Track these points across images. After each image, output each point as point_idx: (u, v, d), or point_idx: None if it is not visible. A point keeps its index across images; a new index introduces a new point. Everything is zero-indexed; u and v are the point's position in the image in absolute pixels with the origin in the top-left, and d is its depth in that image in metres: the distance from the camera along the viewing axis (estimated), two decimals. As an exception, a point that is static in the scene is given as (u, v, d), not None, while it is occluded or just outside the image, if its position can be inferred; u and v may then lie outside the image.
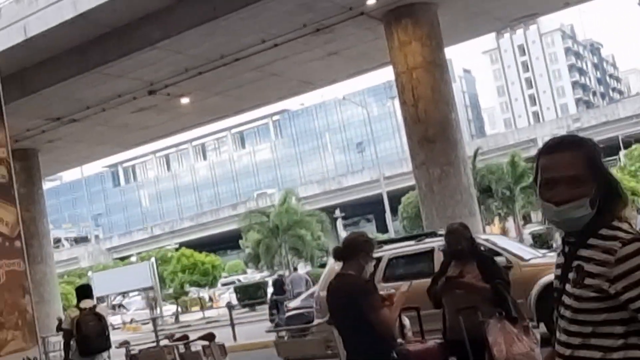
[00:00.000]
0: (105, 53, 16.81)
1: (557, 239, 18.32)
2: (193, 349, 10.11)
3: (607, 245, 1.98)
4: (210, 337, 10.03)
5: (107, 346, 8.69)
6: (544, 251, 18.61)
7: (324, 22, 16.80)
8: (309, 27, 16.81)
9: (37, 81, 17.97)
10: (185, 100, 20.86)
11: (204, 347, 9.86)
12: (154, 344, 11.11)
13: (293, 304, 15.79)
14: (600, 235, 2.02)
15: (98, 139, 23.77)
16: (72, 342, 8.51)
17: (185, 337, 10.41)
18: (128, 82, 18.55)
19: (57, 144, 23.00)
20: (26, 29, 16.37)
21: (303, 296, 16.17)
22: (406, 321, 6.24)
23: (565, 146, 2.12)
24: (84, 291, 9.19)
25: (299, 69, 20.06)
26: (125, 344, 11.16)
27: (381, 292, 4.45)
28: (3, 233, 6.24)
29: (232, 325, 17.93)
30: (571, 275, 2.04)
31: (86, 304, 8.81)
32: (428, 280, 5.53)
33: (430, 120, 16.52)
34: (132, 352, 10.62)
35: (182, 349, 9.86)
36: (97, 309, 8.84)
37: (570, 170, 2.05)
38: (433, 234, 11.34)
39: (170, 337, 11.08)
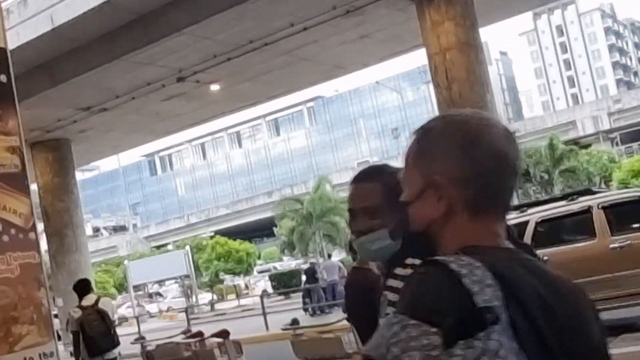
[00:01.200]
0: (132, 40, 16.60)
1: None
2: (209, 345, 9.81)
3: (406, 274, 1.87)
4: (224, 334, 9.69)
5: (114, 344, 8.44)
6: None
7: (354, 4, 16.37)
8: (339, 9, 16.39)
9: (66, 71, 17.84)
10: (215, 87, 20.62)
11: (219, 344, 9.54)
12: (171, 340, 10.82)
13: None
14: (405, 264, 1.99)
15: (129, 127, 23.67)
16: (81, 343, 8.30)
17: (200, 333, 10.10)
18: (156, 69, 18.34)
19: (89, 133, 22.95)
20: (53, 18, 16.22)
21: None
22: None
23: (363, 177, 2.13)
24: (83, 287, 8.84)
25: (330, 53, 19.64)
26: (141, 339, 10.95)
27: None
28: (17, 225, 6.04)
29: (264, 314, 17.70)
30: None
31: (88, 300, 8.55)
32: (585, 245, 4.66)
33: (465, 103, 15.95)
34: (148, 348, 10.35)
35: (196, 346, 9.55)
36: (100, 304, 8.54)
37: (366, 201, 2.06)
38: (588, 192, 10.64)
39: (186, 332, 10.81)
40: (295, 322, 9.19)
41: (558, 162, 36.76)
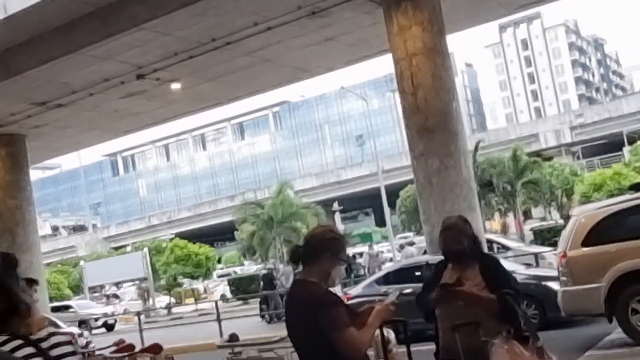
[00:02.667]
0: (90, 33, 16.01)
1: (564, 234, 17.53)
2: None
3: None
4: (156, 349, 9.12)
5: None
6: (545, 248, 17.96)
7: (319, 5, 16.00)
8: (304, 9, 16.02)
9: (19, 62, 17.18)
10: (175, 86, 20.06)
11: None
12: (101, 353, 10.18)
13: (353, 291, 14.60)
14: None
15: (87, 125, 22.99)
16: None
17: (130, 347, 9.48)
18: (115, 65, 17.75)
19: (45, 129, 22.22)
20: (6, 6, 15.55)
21: (365, 282, 15.07)
22: (391, 335, 5.31)
23: None
24: None
25: (294, 55, 19.24)
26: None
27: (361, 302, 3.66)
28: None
29: (219, 320, 17.23)
30: None
31: None
32: None
33: (430, 110, 15.71)
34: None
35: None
36: None
37: None
38: None
39: (119, 343, 10.19)
40: (233, 338, 8.55)
41: (521, 174, 36.87)
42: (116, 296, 44.79)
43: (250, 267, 50.01)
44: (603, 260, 9.34)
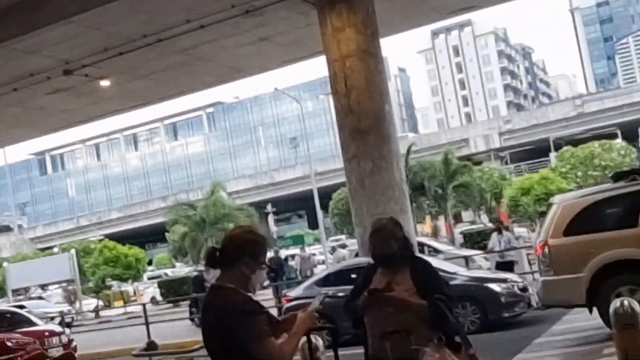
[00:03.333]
0: (14, 25, 15.41)
1: (493, 238, 17.84)
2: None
3: None
4: (68, 358, 8.71)
5: None
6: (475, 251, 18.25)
7: (254, 4, 15.83)
8: (238, 8, 15.82)
9: (-61, 54, 16.47)
10: (105, 83, 19.55)
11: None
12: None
13: (293, 293, 14.36)
14: None
15: (11, 121, 22.20)
16: None
17: (42, 356, 9.02)
18: (41, 59, 17.16)
19: (-34, 125, 21.44)
20: None
21: (306, 284, 14.74)
22: (319, 342, 5.02)
23: None
24: None
25: (228, 55, 19.01)
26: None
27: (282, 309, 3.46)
28: None
29: (147, 324, 16.83)
30: None
31: None
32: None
33: (363, 112, 15.73)
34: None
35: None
36: None
37: None
38: None
39: (24, 353, 9.78)
40: (151, 346, 8.16)
41: (452, 177, 37.42)
42: (41, 299, 43.44)
43: (181, 269, 49.28)
44: (585, 250, 9.07)
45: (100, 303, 39.39)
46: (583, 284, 8.97)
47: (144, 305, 19.47)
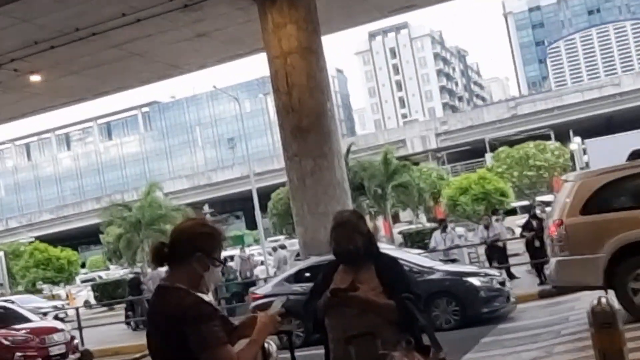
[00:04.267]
0: (-63, 16, 14.65)
1: (436, 237, 17.79)
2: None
3: None
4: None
5: None
6: (418, 251, 18.20)
7: (192, -2, 15.45)
8: (176, 1, 15.40)
9: None
10: (35, 78, 18.82)
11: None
12: None
13: (262, 290, 13.84)
14: None
15: None
16: None
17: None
18: (-34, 52, 16.40)
19: None
20: None
21: (275, 281, 14.21)
22: (272, 347, 4.58)
23: None
24: None
25: (165, 50, 18.52)
26: None
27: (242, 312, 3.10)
28: None
29: (80, 328, 16.21)
30: None
31: None
32: None
33: (305, 110, 15.52)
34: None
35: None
36: None
37: None
38: None
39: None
40: (84, 355, 7.67)
41: (391, 177, 37.52)
42: (31, 293, 41.81)
43: (116, 272, 48.10)
44: (603, 229, 8.74)
45: (31, 307, 38.09)
46: (600, 265, 8.63)
47: (77, 309, 18.77)
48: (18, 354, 13.34)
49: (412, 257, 13.21)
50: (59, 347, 13.76)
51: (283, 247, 25.10)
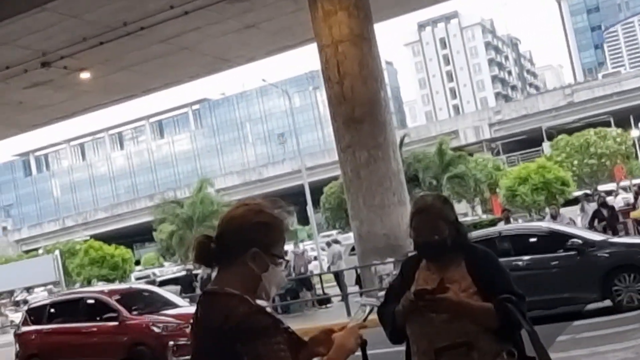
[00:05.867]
0: (-16, 15, 14.57)
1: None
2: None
3: None
4: None
5: None
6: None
7: (240, -12, 15.07)
8: (223, -8, 15.05)
9: None
10: (85, 76, 18.71)
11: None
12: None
13: None
14: None
15: (-12, 118, 21.35)
16: None
17: None
18: (16, 51, 16.31)
19: (-61, 123, 20.52)
20: None
21: None
22: None
23: None
24: None
25: (213, 43, 18.20)
26: None
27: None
28: None
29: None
30: None
31: None
32: None
33: (357, 99, 14.99)
34: None
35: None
36: None
37: None
38: None
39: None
40: None
41: (446, 168, 36.76)
42: (26, 302, 42.49)
43: (170, 269, 48.44)
44: None
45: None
46: None
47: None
48: (171, 342, 11.77)
49: (580, 231, 12.15)
50: None
51: (337, 242, 24.61)
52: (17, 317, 38.05)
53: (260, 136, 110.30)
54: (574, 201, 32.66)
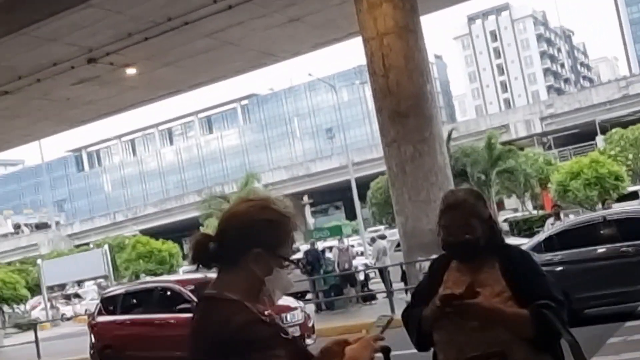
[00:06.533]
0: (32, 11, 14.66)
1: (548, 224, 16.38)
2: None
3: None
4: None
5: None
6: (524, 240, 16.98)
7: (283, -19, 14.90)
8: (267, -15, 14.89)
9: (-43, 44, 15.79)
10: (131, 71, 18.79)
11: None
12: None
13: None
14: None
15: (37, 114, 21.58)
16: None
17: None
18: (63, 47, 16.42)
19: (-9, 119, 20.85)
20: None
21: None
22: None
23: None
24: None
25: (258, 38, 18.06)
26: None
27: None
28: None
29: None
30: None
31: None
32: None
33: (403, 92, 14.69)
34: None
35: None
36: None
37: None
38: None
39: None
40: None
41: (496, 163, 36.07)
42: (77, 295, 43.22)
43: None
44: None
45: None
46: None
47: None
48: None
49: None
50: (293, 329, 11.25)
51: (383, 237, 24.36)
52: (68, 310, 38.82)
53: (308, 131, 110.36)
54: (629, 196, 31.67)
